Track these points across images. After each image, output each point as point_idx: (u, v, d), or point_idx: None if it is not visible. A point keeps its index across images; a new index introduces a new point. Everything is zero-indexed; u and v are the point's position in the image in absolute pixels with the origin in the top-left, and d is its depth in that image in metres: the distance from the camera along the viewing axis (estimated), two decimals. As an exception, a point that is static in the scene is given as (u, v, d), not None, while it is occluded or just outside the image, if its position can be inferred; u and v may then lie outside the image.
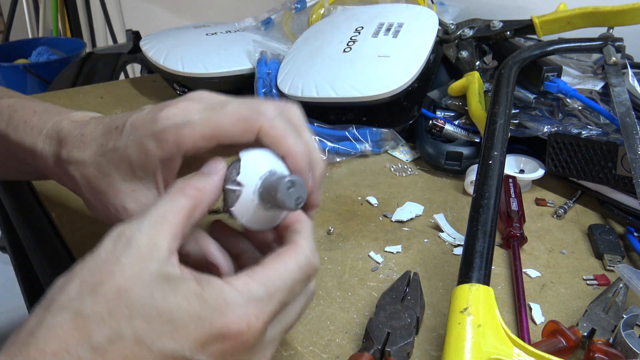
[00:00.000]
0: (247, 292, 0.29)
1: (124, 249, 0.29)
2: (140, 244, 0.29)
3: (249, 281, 0.29)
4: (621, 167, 0.53)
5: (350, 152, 0.65)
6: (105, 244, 0.29)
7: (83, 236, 0.50)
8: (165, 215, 0.30)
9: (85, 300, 0.27)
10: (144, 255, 0.28)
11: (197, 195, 0.32)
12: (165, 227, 0.30)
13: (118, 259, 0.28)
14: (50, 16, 2.48)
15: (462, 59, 0.69)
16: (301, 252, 0.32)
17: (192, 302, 0.28)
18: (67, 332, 0.26)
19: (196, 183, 0.32)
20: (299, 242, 0.32)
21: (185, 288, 0.28)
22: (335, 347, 0.39)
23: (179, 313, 0.27)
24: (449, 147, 0.62)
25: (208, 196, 0.32)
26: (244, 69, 0.75)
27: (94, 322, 0.27)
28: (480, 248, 0.39)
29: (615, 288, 0.43)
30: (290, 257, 0.31)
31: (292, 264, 0.31)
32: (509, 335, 0.35)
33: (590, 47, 0.64)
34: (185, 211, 0.31)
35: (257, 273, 0.30)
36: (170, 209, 0.30)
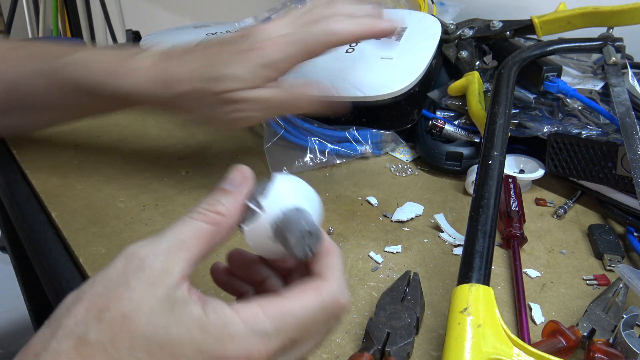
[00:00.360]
0: (253, 324, 0.28)
1: (135, 272, 0.28)
2: (153, 267, 0.28)
3: (258, 312, 0.28)
4: (621, 167, 0.53)
5: (350, 154, 0.65)
6: (116, 264, 0.29)
7: (83, 236, 0.50)
8: (185, 240, 0.29)
9: (90, 326, 0.27)
10: (155, 281, 0.28)
11: (219, 220, 0.31)
12: (182, 253, 0.29)
13: (128, 282, 0.28)
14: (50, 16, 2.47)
15: (461, 59, 0.69)
16: (328, 290, 0.30)
17: (193, 332, 0.27)
18: (71, 359, 0.26)
19: (218, 206, 0.31)
20: (327, 277, 0.31)
21: (189, 316, 0.27)
22: (335, 347, 0.39)
23: (179, 347, 0.27)
24: (449, 147, 0.62)
25: (230, 220, 0.31)
26: None
27: (96, 351, 0.26)
28: (480, 248, 0.39)
29: (615, 288, 0.43)
30: (313, 295, 0.29)
31: (313, 302, 0.29)
32: (508, 335, 0.35)
33: (590, 47, 0.64)
34: (205, 237, 0.30)
35: (270, 305, 0.29)
36: (190, 234, 0.29)
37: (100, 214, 0.54)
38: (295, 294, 0.29)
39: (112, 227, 0.52)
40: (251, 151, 0.67)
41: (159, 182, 0.60)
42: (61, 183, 0.59)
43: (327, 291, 0.30)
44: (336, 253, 0.33)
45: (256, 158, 0.65)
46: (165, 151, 0.67)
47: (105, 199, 0.56)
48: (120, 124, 0.73)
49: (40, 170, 0.61)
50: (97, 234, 0.51)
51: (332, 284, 0.30)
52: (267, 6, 0.90)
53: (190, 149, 0.67)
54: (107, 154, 0.65)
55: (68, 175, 0.60)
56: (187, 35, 0.84)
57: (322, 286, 0.30)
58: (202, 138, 0.70)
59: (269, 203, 0.31)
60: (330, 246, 0.33)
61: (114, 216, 0.53)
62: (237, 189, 0.32)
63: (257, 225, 0.31)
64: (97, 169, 0.62)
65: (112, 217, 0.53)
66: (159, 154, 0.66)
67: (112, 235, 0.50)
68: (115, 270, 0.28)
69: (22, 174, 0.61)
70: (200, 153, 0.67)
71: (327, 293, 0.30)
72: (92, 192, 0.57)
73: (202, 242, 0.30)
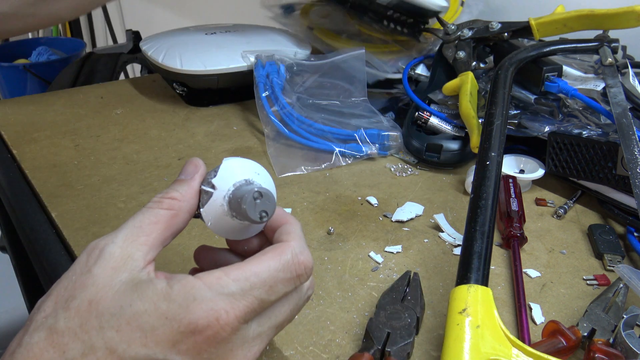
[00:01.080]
0: (217, 287, 0.29)
1: (96, 260, 0.29)
2: (114, 254, 0.29)
3: (221, 276, 0.29)
4: (621, 167, 0.53)
5: (356, 155, 0.65)
6: (80, 258, 0.30)
7: (83, 236, 0.50)
8: (141, 226, 0.30)
9: (59, 316, 0.28)
10: (117, 266, 0.29)
11: (175, 205, 0.32)
12: (141, 239, 0.30)
13: (90, 270, 0.29)
14: (51, 16, 2.47)
15: (458, 59, 0.69)
16: (287, 250, 0.31)
17: (158, 304, 0.28)
18: (43, 349, 0.27)
19: (172, 192, 0.32)
20: (286, 240, 0.32)
21: (153, 291, 0.28)
22: (335, 347, 0.39)
23: (146, 318, 0.28)
24: (430, 138, 0.64)
25: (186, 204, 0.32)
26: (242, 66, 0.75)
27: (68, 337, 0.27)
28: (479, 249, 0.39)
29: (615, 288, 0.43)
30: (273, 256, 0.31)
31: (274, 262, 0.30)
32: (507, 336, 0.35)
33: (586, 48, 0.64)
34: (163, 222, 0.31)
35: (233, 269, 0.30)
36: (147, 220, 0.31)
37: (100, 214, 0.54)
38: (257, 258, 0.31)
39: (112, 227, 0.52)
40: (251, 151, 0.67)
41: (159, 182, 0.60)
42: (61, 183, 0.59)
43: (286, 250, 0.31)
44: (293, 221, 0.34)
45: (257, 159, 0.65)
46: (165, 151, 0.67)
47: (105, 199, 0.56)
48: (120, 124, 0.73)
49: (40, 170, 0.61)
50: (97, 234, 0.51)
51: (291, 244, 0.32)
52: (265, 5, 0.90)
53: (190, 149, 0.67)
54: (107, 154, 0.66)
55: (68, 175, 0.60)
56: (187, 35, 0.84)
57: (281, 247, 0.31)
58: (202, 138, 0.70)
59: (219, 181, 0.33)
60: (287, 216, 0.34)
61: (114, 216, 0.53)
62: (190, 177, 0.33)
63: (212, 203, 0.33)
64: (97, 169, 0.62)
65: (112, 217, 0.53)
66: (158, 154, 0.66)
67: (112, 235, 0.50)
68: (79, 264, 0.29)
69: (22, 174, 0.61)
70: (200, 153, 0.67)
71: (287, 252, 0.31)
72: (92, 192, 0.57)
73: (160, 226, 0.31)
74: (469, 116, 0.60)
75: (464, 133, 0.64)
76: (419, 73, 0.75)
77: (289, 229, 0.33)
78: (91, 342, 0.27)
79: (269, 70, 0.72)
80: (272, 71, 0.72)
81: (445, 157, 0.63)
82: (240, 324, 0.29)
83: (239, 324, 0.29)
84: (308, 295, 0.34)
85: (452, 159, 0.63)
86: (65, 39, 2.32)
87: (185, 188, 0.33)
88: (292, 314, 0.33)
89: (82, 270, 0.29)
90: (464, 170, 0.64)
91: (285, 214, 0.35)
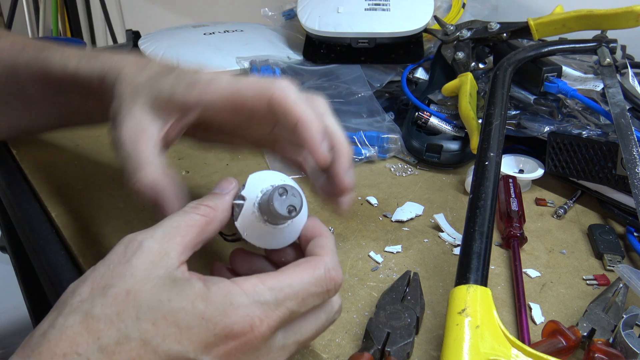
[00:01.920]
0: (253, 294, 0.29)
1: (135, 252, 0.29)
2: (152, 249, 0.30)
3: (258, 284, 0.29)
4: (621, 167, 0.53)
5: (355, 159, 0.65)
6: (116, 249, 0.30)
7: (83, 236, 0.50)
8: (178, 227, 0.31)
9: (96, 302, 0.28)
10: (154, 260, 0.29)
11: (210, 213, 0.33)
12: (177, 239, 0.31)
13: (129, 260, 0.29)
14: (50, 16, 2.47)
15: (457, 60, 0.69)
16: (320, 265, 0.32)
17: (197, 303, 0.28)
18: (78, 333, 0.27)
19: (208, 201, 0.34)
20: (320, 254, 0.33)
21: (191, 290, 0.29)
22: (335, 347, 0.39)
23: (184, 315, 0.28)
24: (430, 139, 0.64)
25: (220, 214, 0.34)
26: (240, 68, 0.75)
27: (103, 324, 0.27)
28: (478, 249, 0.39)
29: (615, 288, 0.43)
30: (307, 269, 0.31)
31: (307, 275, 0.31)
32: (507, 336, 0.35)
33: (585, 48, 0.64)
34: (197, 226, 0.32)
35: (269, 278, 0.30)
36: (184, 223, 0.32)
37: (100, 214, 0.54)
38: (292, 269, 0.31)
39: (112, 227, 0.52)
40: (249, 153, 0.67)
41: (159, 182, 0.60)
42: (61, 183, 0.59)
43: (319, 265, 0.32)
44: (327, 234, 0.35)
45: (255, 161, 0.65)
46: (165, 151, 0.67)
47: (106, 199, 0.56)
48: (120, 124, 0.73)
49: (40, 170, 0.61)
50: (97, 234, 0.51)
51: (324, 259, 0.32)
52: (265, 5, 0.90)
53: (190, 149, 0.67)
54: (107, 154, 0.65)
55: (68, 175, 0.60)
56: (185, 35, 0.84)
57: (315, 261, 0.32)
58: (202, 138, 0.70)
59: (248, 192, 0.34)
60: (321, 229, 0.35)
61: (114, 216, 0.53)
62: (224, 190, 0.35)
63: (245, 212, 0.34)
64: (97, 169, 0.62)
65: (112, 217, 0.53)
66: (159, 154, 0.66)
67: (112, 235, 0.50)
68: (116, 254, 0.30)
69: (22, 174, 0.61)
70: (200, 153, 0.67)
71: (320, 266, 0.32)
72: (92, 192, 0.57)
73: (195, 230, 0.32)
74: (468, 117, 0.60)
75: (464, 133, 0.64)
76: (418, 77, 0.75)
77: (322, 242, 0.34)
78: (127, 331, 0.27)
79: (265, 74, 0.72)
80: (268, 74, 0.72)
81: (445, 158, 0.63)
82: (271, 334, 0.30)
83: (270, 333, 0.29)
84: (335, 318, 0.34)
85: (452, 159, 0.63)
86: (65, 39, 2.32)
87: (220, 201, 0.34)
88: (317, 332, 0.33)
89: (120, 260, 0.29)
90: (464, 170, 0.64)
91: (321, 225, 0.36)
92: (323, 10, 0.77)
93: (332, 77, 0.74)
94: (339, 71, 0.74)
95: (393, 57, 0.76)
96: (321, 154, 0.36)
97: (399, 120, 0.71)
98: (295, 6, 0.82)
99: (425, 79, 0.75)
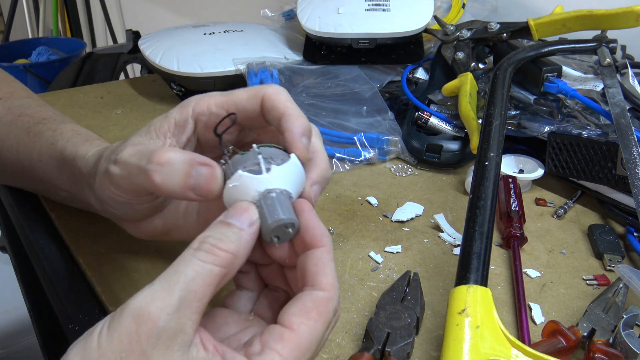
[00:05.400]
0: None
1: (149, 339, 0.25)
2: (167, 330, 0.26)
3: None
4: (621, 167, 0.53)
5: (355, 161, 0.65)
6: (125, 324, 0.25)
7: (83, 236, 0.50)
8: (196, 290, 0.27)
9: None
10: (169, 344, 0.26)
11: (229, 261, 0.28)
12: (194, 305, 0.26)
13: (144, 352, 0.25)
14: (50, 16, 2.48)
15: (457, 60, 0.69)
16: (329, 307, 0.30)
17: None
18: None
19: (229, 244, 0.28)
20: (323, 285, 0.30)
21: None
22: (335, 347, 0.39)
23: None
24: (430, 139, 0.64)
25: (241, 260, 0.29)
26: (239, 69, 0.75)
27: None
28: (478, 249, 0.39)
29: (615, 288, 0.43)
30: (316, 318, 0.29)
31: (318, 324, 0.29)
32: (507, 336, 0.35)
33: (585, 48, 0.64)
34: (215, 282, 0.28)
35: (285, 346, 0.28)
36: (201, 282, 0.27)
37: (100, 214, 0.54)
38: (305, 325, 0.29)
39: (112, 227, 0.52)
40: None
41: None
42: (61, 183, 0.59)
43: (328, 307, 0.30)
44: (327, 244, 0.31)
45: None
46: (165, 151, 0.67)
47: (105, 199, 0.56)
48: (120, 124, 0.73)
49: (40, 170, 0.61)
50: (97, 234, 0.51)
51: (330, 295, 0.30)
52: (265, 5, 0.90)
53: (190, 149, 0.67)
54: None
55: (68, 175, 0.60)
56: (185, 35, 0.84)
57: (321, 302, 0.30)
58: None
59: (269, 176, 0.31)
60: (322, 237, 0.31)
61: (114, 216, 0.53)
62: (245, 222, 0.30)
63: (240, 187, 0.31)
64: (97, 169, 0.62)
65: (112, 217, 0.53)
66: (159, 154, 0.66)
67: (112, 235, 0.50)
68: (127, 334, 0.25)
69: (22, 174, 0.61)
70: (200, 153, 0.67)
71: (329, 309, 0.30)
72: (92, 192, 0.57)
73: (212, 289, 0.28)
74: (468, 117, 0.60)
75: (464, 133, 0.64)
76: (418, 77, 0.75)
77: (323, 261, 0.31)
78: None
79: (262, 77, 0.72)
80: (265, 77, 0.72)
81: (445, 158, 0.63)
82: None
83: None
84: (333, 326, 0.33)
85: (452, 159, 0.63)
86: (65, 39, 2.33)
87: (242, 242, 0.29)
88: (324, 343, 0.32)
89: (133, 347, 0.25)
90: (464, 171, 0.64)
91: (320, 231, 0.32)
92: (323, 11, 0.76)
93: (331, 77, 0.74)
94: (338, 71, 0.74)
95: (393, 58, 0.76)
96: (300, 144, 0.33)
97: (399, 120, 0.71)
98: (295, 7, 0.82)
99: (425, 79, 0.75)
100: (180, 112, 0.36)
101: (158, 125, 0.36)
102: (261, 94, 0.35)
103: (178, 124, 0.36)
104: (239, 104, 0.36)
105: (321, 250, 0.31)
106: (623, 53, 0.65)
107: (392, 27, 0.73)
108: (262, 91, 0.35)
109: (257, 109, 0.35)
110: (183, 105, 0.37)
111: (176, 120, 0.36)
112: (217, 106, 0.36)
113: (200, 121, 0.37)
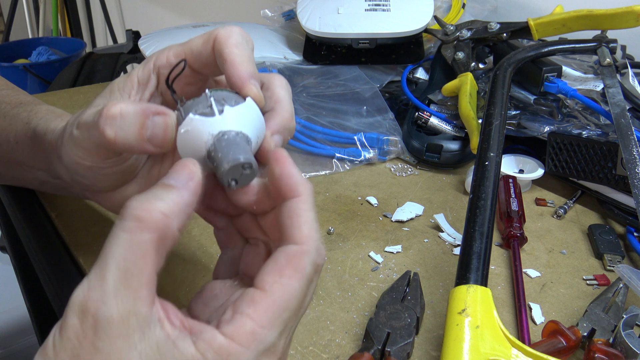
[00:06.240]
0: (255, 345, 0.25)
1: (96, 332, 0.23)
2: (112, 320, 0.23)
3: (255, 328, 0.25)
4: (621, 167, 0.53)
5: (355, 161, 0.65)
6: (70, 322, 0.24)
7: (83, 236, 0.50)
8: (128, 268, 0.24)
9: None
10: (122, 333, 0.24)
11: (162, 222, 0.25)
12: (134, 283, 0.24)
13: (94, 345, 0.23)
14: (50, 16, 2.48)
15: (457, 60, 0.69)
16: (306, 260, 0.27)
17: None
18: None
19: (157, 202, 0.25)
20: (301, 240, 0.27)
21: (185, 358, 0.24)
22: (335, 347, 0.39)
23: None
24: (430, 139, 0.64)
25: (178, 218, 0.26)
26: None
27: None
28: (478, 249, 0.39)
29: (615, 288, 0.43)
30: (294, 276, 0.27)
31: (297, 283, 0.27)
32: (507, 336, 0.35)
33: (585, 48, 0.64)
34: (151, 251, 0.25)
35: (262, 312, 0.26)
36: (132, 257, 0.24)
37: (100, 214, 0.54)
38: (278, 283, 0.26)
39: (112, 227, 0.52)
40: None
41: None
42: (61, 183, 0.59)
43: (303, 261, 0.27)
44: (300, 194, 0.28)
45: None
46: (165, 151, 0.67)
47: (105, 199, 0.56)
48: (120, 124, 0.73)
49: (40, 170, 0.61)
50: (97, 234, 0.51)
51: (305, 248, 0.27)
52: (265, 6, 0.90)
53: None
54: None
55: (68, 175, 0.60)
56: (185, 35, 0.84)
57: (295, 257, 0.27)
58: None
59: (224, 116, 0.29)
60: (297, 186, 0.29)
61: (114, 216, 0.53)
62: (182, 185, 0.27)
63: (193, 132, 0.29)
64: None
65: (112, 217, 0.53)
66: (159, 154, 0.66)
67: (112, 236, 0.50)
68: (74, 332, 0.24)
69: (22, 174, 0.61)
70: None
71: (304, 263, 0.27)
72: (92, 192, 0.57)
73: (149, 259, 0.25)
74: (468, 117, 0.60)
75: (464, 133, 0.64)
76: (418, 77, 0.75)
77: (297, 212, 0.28)
78: None
79: None
80: None
81: (445, 158, 0.63)
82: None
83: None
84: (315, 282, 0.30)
85: (452, 159, 0.63)
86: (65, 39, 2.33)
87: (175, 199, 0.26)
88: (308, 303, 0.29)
89: (82, 343, 0.23)
90: (464, 170, 0.64)
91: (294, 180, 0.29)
92: (323, 11, 0.76)
93: (331, 77, 0.74)
94: (338, 71, 0.74)
95: (393, 58, 0.76)
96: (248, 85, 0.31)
97: (399, 120, 0.71)
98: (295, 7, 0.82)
99: (425, 79, 0.75)
100: (142, 69, 0.36)
101: (121, 84, 0.35)
102: (213, 37, 0.33)
103: (141, 81, 0.35)
104: (195, 51, 0.34)
105: (295, 201, 0.28)
106: (623, 53, 0.65)
107: (392, 27, 0.73)
108: (214, 34, 0.33)
109: (209, 49, 0.34)
110: (145, 61, 0.36)
111: (139, 77, 0.35)
112: (176, 56, 0.35)
113: (163, 75, 0.36)
